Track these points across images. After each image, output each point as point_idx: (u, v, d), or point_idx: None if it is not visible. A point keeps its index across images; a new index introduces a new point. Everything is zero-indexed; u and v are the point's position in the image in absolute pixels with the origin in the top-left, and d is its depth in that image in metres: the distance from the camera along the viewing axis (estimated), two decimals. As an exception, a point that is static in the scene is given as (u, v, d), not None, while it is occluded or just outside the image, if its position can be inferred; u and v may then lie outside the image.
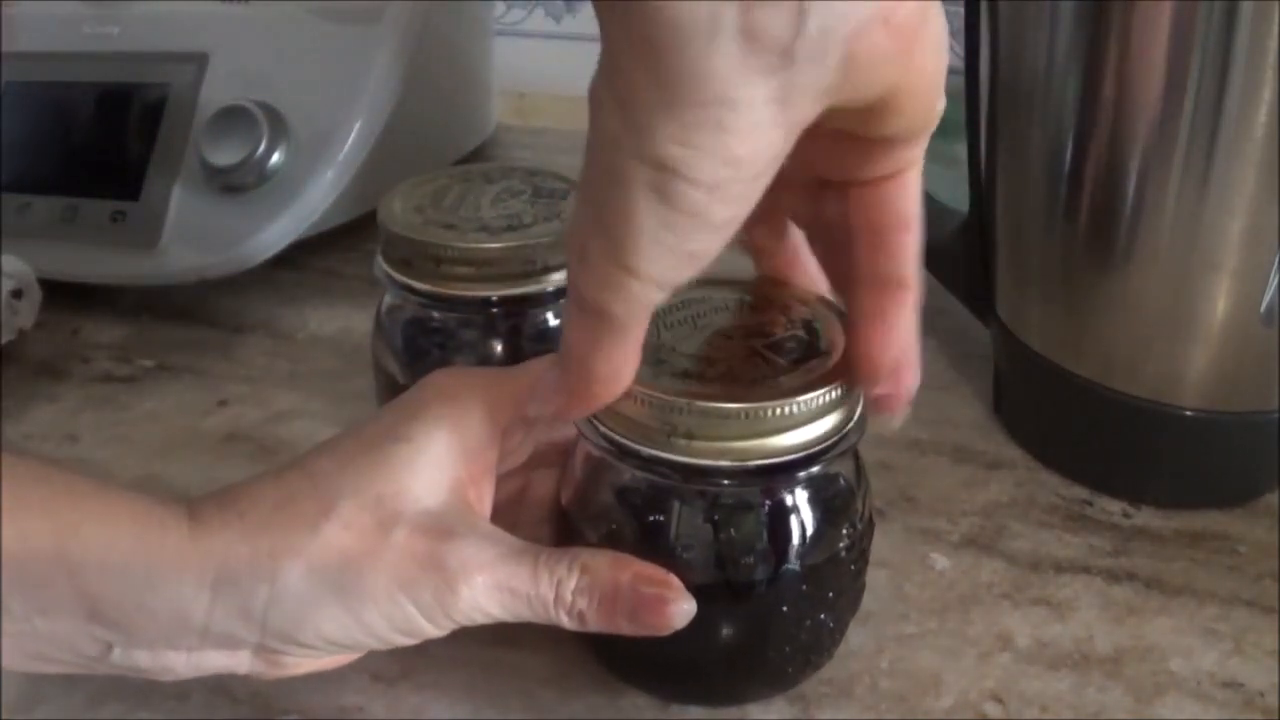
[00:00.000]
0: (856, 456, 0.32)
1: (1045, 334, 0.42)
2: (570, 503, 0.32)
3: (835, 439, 0.29)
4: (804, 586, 0.31)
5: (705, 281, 0.32)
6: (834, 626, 0.33)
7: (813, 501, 0.31)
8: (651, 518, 0.31)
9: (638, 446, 0.29)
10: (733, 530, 0.30)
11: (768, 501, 0.30)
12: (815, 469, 0.29)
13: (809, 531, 0.31)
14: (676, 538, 0.30)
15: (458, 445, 0.30)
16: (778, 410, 0.28)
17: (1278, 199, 0.35)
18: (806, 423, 0.29)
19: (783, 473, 0.29)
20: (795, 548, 0.31)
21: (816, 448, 0.29)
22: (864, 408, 0.30)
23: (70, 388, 0.49)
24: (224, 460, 0.44)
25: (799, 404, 0.28)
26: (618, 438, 0.29)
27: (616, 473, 0.31)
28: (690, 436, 0.28)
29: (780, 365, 0.29)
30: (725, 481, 0.29)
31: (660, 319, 0.31)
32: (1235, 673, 0.34)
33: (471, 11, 0.69)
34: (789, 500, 0.31)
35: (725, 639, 0.31)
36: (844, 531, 0.32)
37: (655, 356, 0.29)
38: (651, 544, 0.30)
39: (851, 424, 0.30)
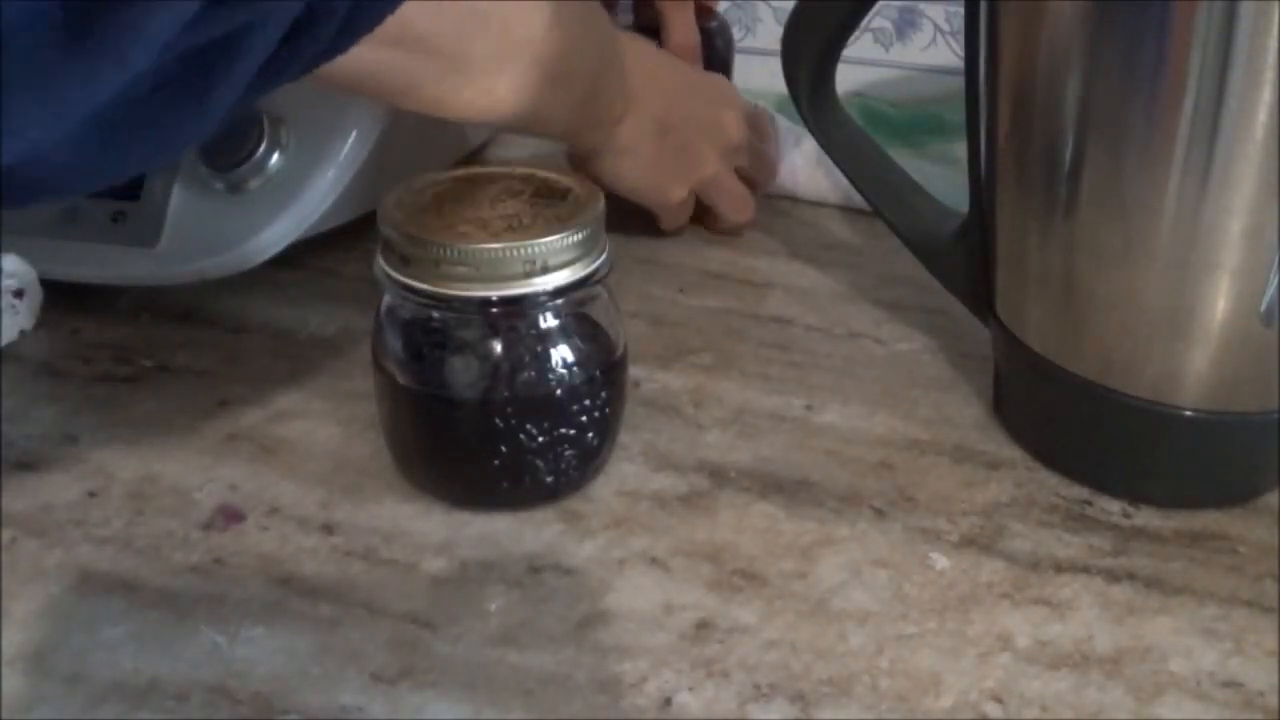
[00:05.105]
0: (612, 302, 0.41)
1: (1045, 334, 0.42)
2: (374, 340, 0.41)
3: (576, 281, 0.38)
4: (551, 405, 0.39)
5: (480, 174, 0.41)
6: (585, 448, 0.40)
7: (562, 332, 0.39)
8: (423, 340, 0.39)
9: (411, 281, 0.37)
10: (499, 351, 0.38)
11: (518, 326, 0.38)
12: (558, 302, 0.38)
13: (558, 358, 0.39)
14: (441, 358, 0.39)
15: None
16: (511, 252, 0.36)
17: (1278, 199, 0.35)
18: (546, 266, 0.37)
19: (524, 304, 0.37)
20: (545, 371, 0.39)
21: (556, 285, 0.37)
22: (607, 256, 0.39)
23: (70, 388, 0.49)
24: (224, 460, 0.44)
25: (531, 247, 0.36)
26: (396, 275, 0.37)
27: (402, 308, 0.39)
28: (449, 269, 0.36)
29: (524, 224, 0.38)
30: (476, 310, 0.37)
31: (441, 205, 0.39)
32: (1235, 673, 0.34)
33: (471, 11, 0.69)
34: (543, 326, 0.39)
35: (489, 450, 0.39)
36: (591, 362, 0.39)
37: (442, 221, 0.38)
38: (420, 360, 0.40)
39: (587, 270, 0.38)
